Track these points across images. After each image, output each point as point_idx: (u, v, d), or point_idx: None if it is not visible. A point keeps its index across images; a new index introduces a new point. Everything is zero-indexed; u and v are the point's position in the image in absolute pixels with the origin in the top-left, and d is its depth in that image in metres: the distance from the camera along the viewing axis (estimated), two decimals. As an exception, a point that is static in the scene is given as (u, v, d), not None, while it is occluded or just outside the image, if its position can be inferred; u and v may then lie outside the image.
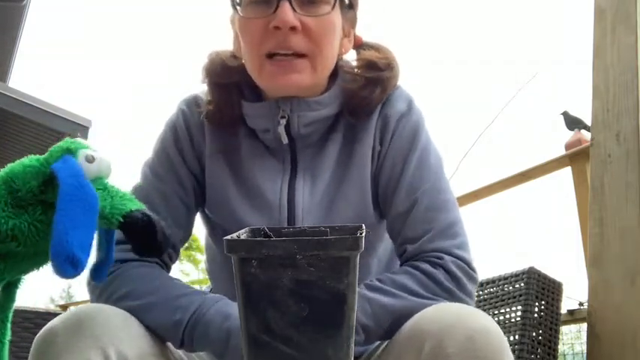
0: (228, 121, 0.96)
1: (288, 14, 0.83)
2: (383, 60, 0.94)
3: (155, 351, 0.80)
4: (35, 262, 0.76)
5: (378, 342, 0.90)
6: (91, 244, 0.67)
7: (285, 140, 0.92)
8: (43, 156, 0.73)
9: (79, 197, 0.67)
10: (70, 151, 0.72)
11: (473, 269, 0.87)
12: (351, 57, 1.00)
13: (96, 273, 0.78)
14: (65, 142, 0.74)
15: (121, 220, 0.71)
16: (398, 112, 0.95)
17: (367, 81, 0.93)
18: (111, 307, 0.79)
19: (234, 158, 0.96)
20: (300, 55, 0.87)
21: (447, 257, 0.85)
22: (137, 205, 0.74)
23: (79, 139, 0.75)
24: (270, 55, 0.87)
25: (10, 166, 0.73)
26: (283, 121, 0.91)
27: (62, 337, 0.71)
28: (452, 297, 0.83)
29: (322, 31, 0.87)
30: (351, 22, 0.97)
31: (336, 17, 0.90)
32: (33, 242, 0.71)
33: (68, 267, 0.63)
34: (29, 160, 0.73)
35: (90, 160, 0.72)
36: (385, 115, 0.95)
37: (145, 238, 0.73)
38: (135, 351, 0.75)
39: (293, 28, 0.84)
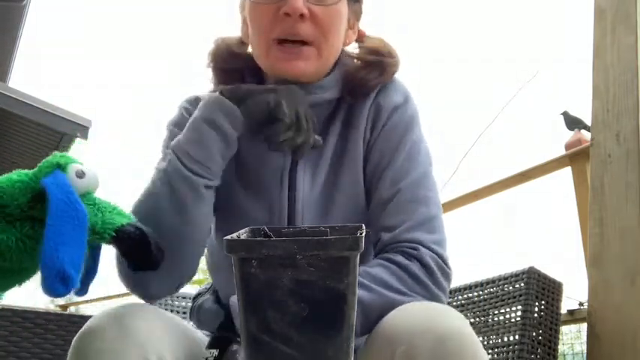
0: None
1: (299, 1, 0.86)
2: (384, 48, 0.97)
3: (192, 356, 0.81)
4: (19, 278, 0.75)
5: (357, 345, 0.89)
6: (81, 261, 0.66)
7: None
8: (32, 171, 0.73)
9: (69, 214, 0.67)
10: (60, 166, 0.72)
11: (448, 266, 0.86)
12: (352, 48, 1.02)
13: (80, 285, 0.76)
14: (55, 157, 0.73)
15: (113, 234, 0.71)
16: (392, 103, 0.95)
17: (366, 63, 0.95)
18: (153, 309, 0.79)
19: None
20: (307, 43, 0.89)
21: (422, 249, 0.84)
22: (128, 219, 0.74)
23: (67, 154, 0.75)
24: (278, 41, 0.89)
25: None
26: None
27: (106, 343, 0.70)
28: (427, 292, 0.83)
29: (330, 20, 0.89)
30: (356, 14, 0.99)
31: (344, 7, 0.92)
32: (19, 258, 0.70)
33: (59, 284, 0.63)
34: (18, 174, 0.72)
35: (80, 175, 0.72)
36: (378, 104, 0.95)
37: (138, 252, 0.73)
38: (174, 356, 0.75)
39: (302, 16, 0.86)
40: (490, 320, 1.60)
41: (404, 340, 0.69)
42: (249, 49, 1.00)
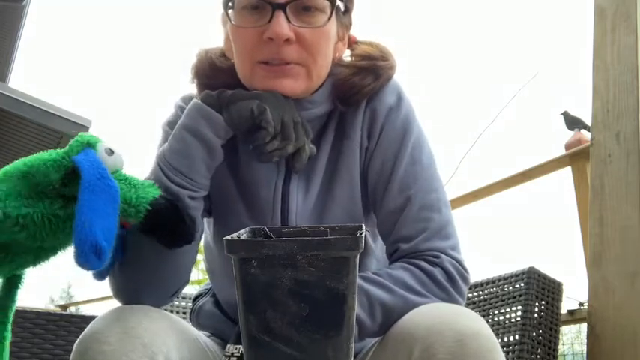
0: None
1: (283, 26, 0.81)
2: (377, 52, 0.93)
3: (196, 355, 0.81)
4: (36, 257, 0.75)
5: (369, 344, 0.89)
6: (113, 236, 0.66)
7: None
8: (62, 150, 0.74)
9: (101, 188, 0.68)
10: (90, 145, 0.73)
11: (466, 270, 0.86)
12: (344, 56, 0.97)
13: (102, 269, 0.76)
14: (83, 137, 0.74)
15: (149, 207, 0.72)
16: (386, 105, 0.92)
17: (359, 69, 0.91)
18: (155, 309, 0.78)
19: (233, 158, 0.94)
20: (295, 62, 0.85)
21: (443, 256, 0.85)
22: (159, 192, 0.75)
23: (93, 134, 0.76)
24: (262, 61, 0.85)
25: (26, 160, 0.72)
26: None
27: (112, 345, 0.69)
28: (448, 296, 0.83)
29: (317, 42, 0.85)
30: (346, 26, 0.95)
31: (332, 25, 0.88)
32: (42, 236, 0.71)
33: (92, 256, 0.62)
34: (49, 154, 0.73)
35: (109, 152, 0.74)
36: (373, 109, 0.92)
37: (173, 225, 0.73)
38: (179, 355, 0.75)
39: (287, 40, 0.83)
40: (490, 320, 1.60)
41: (422, 340, 0.68)
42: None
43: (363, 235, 0.59)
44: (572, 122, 3.04)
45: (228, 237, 0.61)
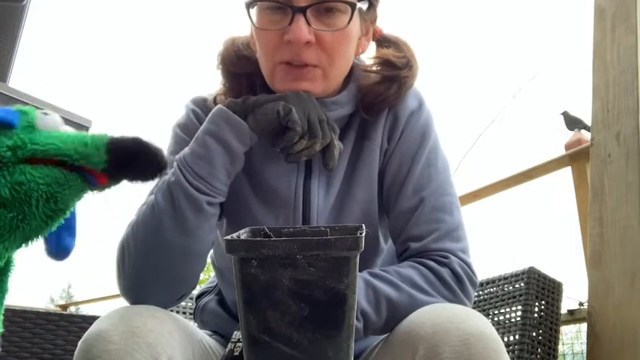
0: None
1: (303, 30, 0.82)
2: (402, 59, 0.93)
3: (200, 357, 0.82)
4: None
5: (374, 343, 0.90)
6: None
7: None
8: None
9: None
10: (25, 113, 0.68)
11: (474, 274, 0.87)
12: (369, 50, 0.98)
13: (52, 242, 0.71)
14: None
15: (109, 140, 0.65)
16: (408, 109, 0.94)
17: (383, 78, 0.92)
18: (159, 309, 0.78)
19: (245, 156, 0.94)
20: (313, 65, 0.86)
21: (452, 257, 0.85)
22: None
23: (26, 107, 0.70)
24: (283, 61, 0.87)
25: None
26: None
27: (116, 344, 0.69)
28: (454, 297, 0.83)
29: (337, 44, 0.86)
30: (370, 21, 0.95)
31: (354, 26, 0.88)
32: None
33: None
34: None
35: (44, 114, 0.69)
36: (395, 113, 0.94)
37: (142, 151, 0.66)
38: (184, 356, 0.75)
39: (307, 43, 0.83)
40: (490, 320, 1.60)
41: (428, 339, 0.69)
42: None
43: (363, 235, 0.59)
44: (572, 122, 3.04)
45: (228, 237, 0.61)
